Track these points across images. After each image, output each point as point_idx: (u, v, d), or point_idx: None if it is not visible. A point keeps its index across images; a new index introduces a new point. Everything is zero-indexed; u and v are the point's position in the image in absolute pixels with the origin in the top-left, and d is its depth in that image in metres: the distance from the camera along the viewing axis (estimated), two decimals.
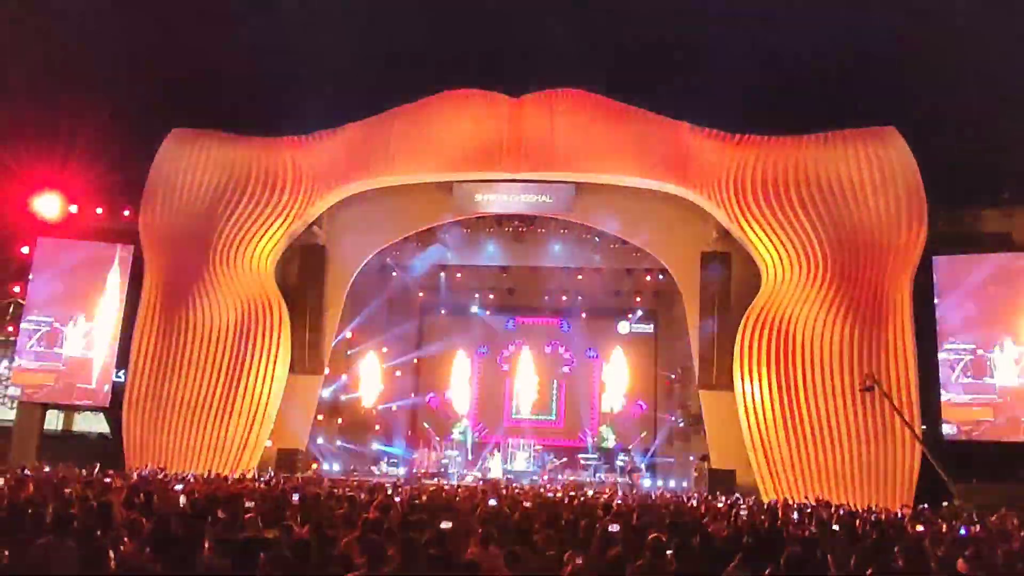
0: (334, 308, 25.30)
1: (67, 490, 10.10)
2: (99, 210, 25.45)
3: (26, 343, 24.83)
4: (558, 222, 24.76)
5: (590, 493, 17.73)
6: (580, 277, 28.21)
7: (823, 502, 16.42)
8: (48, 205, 24.60)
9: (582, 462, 26.93)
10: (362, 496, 13.31)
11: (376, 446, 27.97)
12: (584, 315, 29.98)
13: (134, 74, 25.70)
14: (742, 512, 11.81)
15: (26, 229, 25.07)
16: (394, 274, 27.89)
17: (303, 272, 24.82)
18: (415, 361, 31.04)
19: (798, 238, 21.56)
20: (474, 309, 30.28)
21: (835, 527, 10.18)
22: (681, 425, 27.50)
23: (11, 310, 29.38)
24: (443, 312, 30.85)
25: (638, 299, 28.88)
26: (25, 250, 25.48)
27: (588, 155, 22.73)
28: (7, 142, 22.80)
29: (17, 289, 26.21)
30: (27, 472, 15.05)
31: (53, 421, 28.29)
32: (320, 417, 25.49)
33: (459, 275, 28.91)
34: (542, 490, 18.20)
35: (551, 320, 30.88)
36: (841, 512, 13.37)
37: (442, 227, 25.06)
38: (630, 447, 27.62)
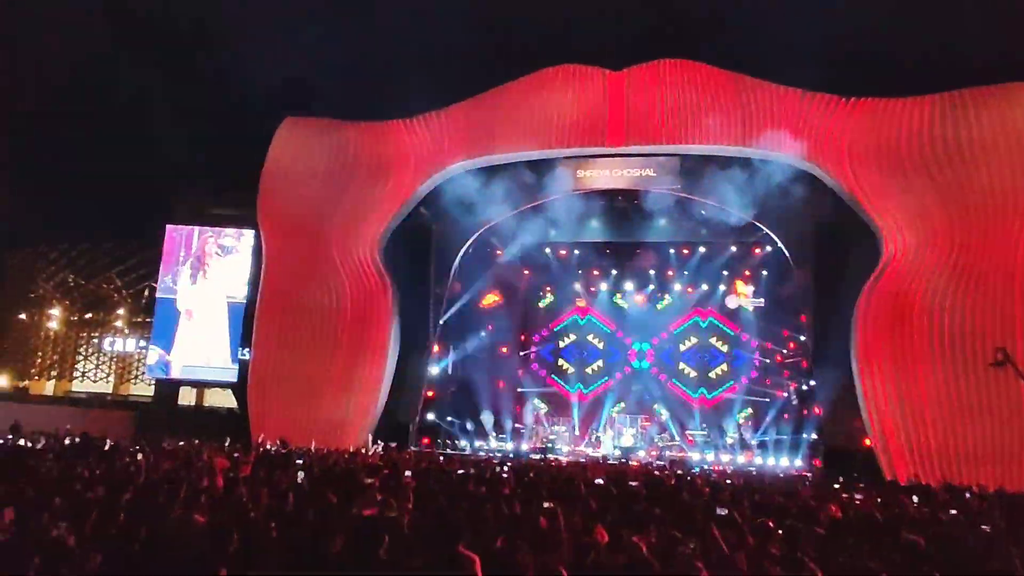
0: (441, 287, 25.84)
1: (199, 465, 10.81)
2: (220, 198, 26.91)
3: (160, 325, 26.65)
4: (663, 196, 24.31)
5: (696, 471, 17.52)
6: (686, 252, 27.68)
7: (947, 484, 15.59)
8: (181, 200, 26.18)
9: (690, 438, 26.59)
10: (472, 471, 13.67)
11: (486, 421, 28.43)
12: (690, 290, 29.42)
13: (247, 68, 26.77)
14: (856, 497, 11.37)
15: (156, 218, 26.87)
16: (499, 253, 28.16)
17: (411, 252, 25.44)
18: (521, 338, 31.33)
19: (919, 206, 20.34)
20: (578, 286, 30.23)
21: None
22: (794, 402, 26.67)
23: (146, 293, 31.61)
24: (548, 289, 30.97)
25: (747, 273, 28.10)
26: (157, 238, 27.30)
27: (694, 126, 22.17)
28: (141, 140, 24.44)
29: (151, 275, 28.15)
30: (164, 446, 16.16)
31: (187, 397, 30.31)
32: (430, 393, 26.19)
33: (563, 252, 28.92)
34: (649, 467, 18.11)
35: (658, 295, 30.45)
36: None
37: (546, 204, 25.09)
38: (740, 424, 27.05)
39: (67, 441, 14.75)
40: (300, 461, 13.04)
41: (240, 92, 27.20)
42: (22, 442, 15.73)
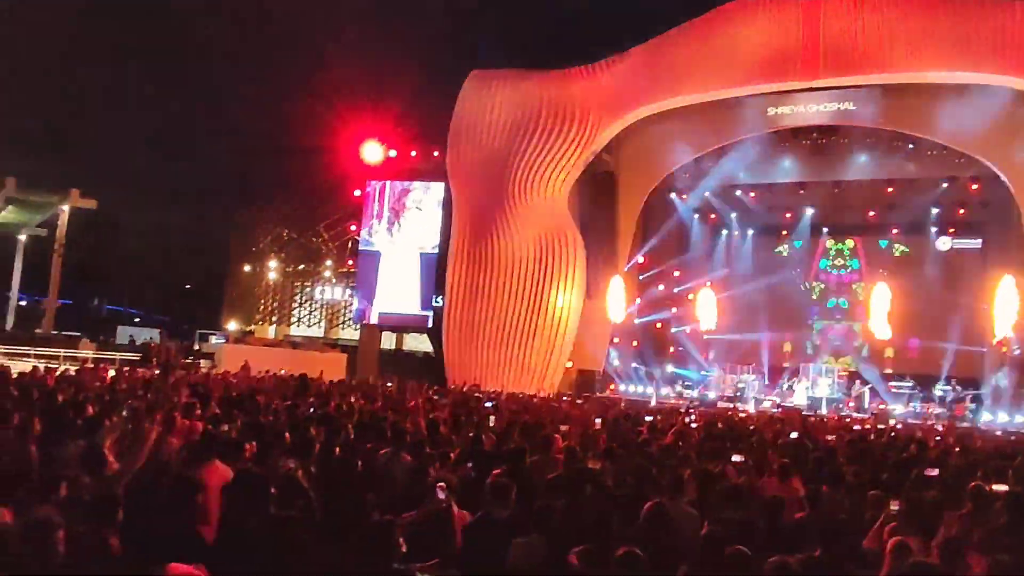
0: (626, 234, 25.72)
1: (403, 407, 11.65)
2: (413, 153, 28.25)
3: (362, 274, 28.71)
4: (863, 130, 22.54)
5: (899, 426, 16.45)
6: (890, 190, 25.54)
7: None
8: (372, 152, 27.79)
9: (893, 390, 24.89)
10: (658, 419, 13.71)
11: (671, 368, 28.22)
12: (895, 231, 27.18)
13: (436, 26, 27.65)
14: None
15: (357, 174, 28.72)
16: (685, 196, 27.46)
17: (595, 200, 25.48)
18: (708, 284, 30.43)
19: None
20: (770, 229, 28.83)
21: None
22: (1016, 352, 24.12)
23: (349, 245, 34.04)
24: (736, 233, 29.81)
25: (961, 211, 25.47)
26: (357, 192, 29.27)
27: (899, 51, 20.20)
28: (339, 100, 26.10)
29: (353, 228, 30.26)
30: (387, 385, 17.46)
31: (387, 341, 32.55)
32: (616, 340, 26.35)
33: (753, 194, 27.66)
34: (847, 420, 17.24)
35: (857, 238, 28.43)
36: None
37: (734, 145, 24.08)
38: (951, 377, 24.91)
39: (288, 381, 16.37)
40: (490, 404, 13.68)
41: (428, 48, 28.16)
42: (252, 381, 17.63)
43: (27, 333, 33.21)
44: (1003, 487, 6.55)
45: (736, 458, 7.11)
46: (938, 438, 13.10)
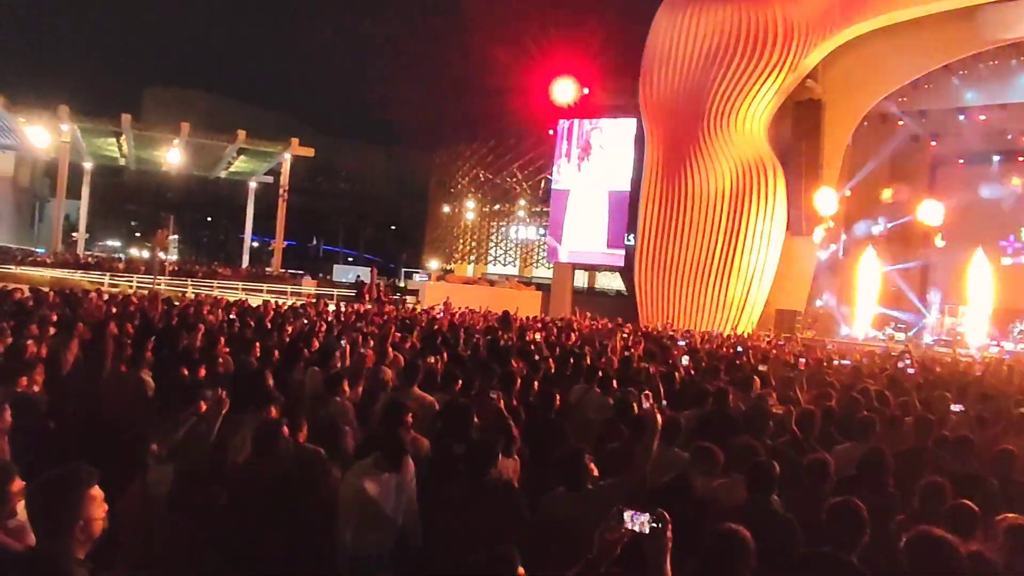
0: (832, 166, 23.98)
1: (596, 343, 11.79)
2: (603, 89, 27.81)
3: (554, 214, 29.00)
4: None
5: None
6: None
7: None
8: (565, 90, 27.66)
9: None
10: (866, 363, 12.90)
11: (882, 309, 26.27)
12: None
13: None
14: None
15: (549, 113, 28.78)
16: (900, 123, 25.06)
17: (797, 129, 23.88)
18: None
19: None
20: (1001, 152, 25.64)
21: None
22: None
23: (541, 185, 34.48)
24: (962, 162, 26.84)
25: None
26: (550, 132, 29.39)
27: None
28: (531, 38, 26.16)
29: (544, 167, 30.56)
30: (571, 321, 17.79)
31: (580, 279, 32.91)
32: (820, 279, 24.91)
33: (983, 117, 24.65)
34: None
35: None
36: None
37: (962, 62, 21.51)
38: None
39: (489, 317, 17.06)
40: (683, 344, 13.48)
41: None
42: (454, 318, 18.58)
43: (259, 271, 37.04)
44: None
45: (955, 407, 6.54)
46: None
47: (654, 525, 2.44)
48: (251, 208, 42.15)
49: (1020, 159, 25.51)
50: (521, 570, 2.48)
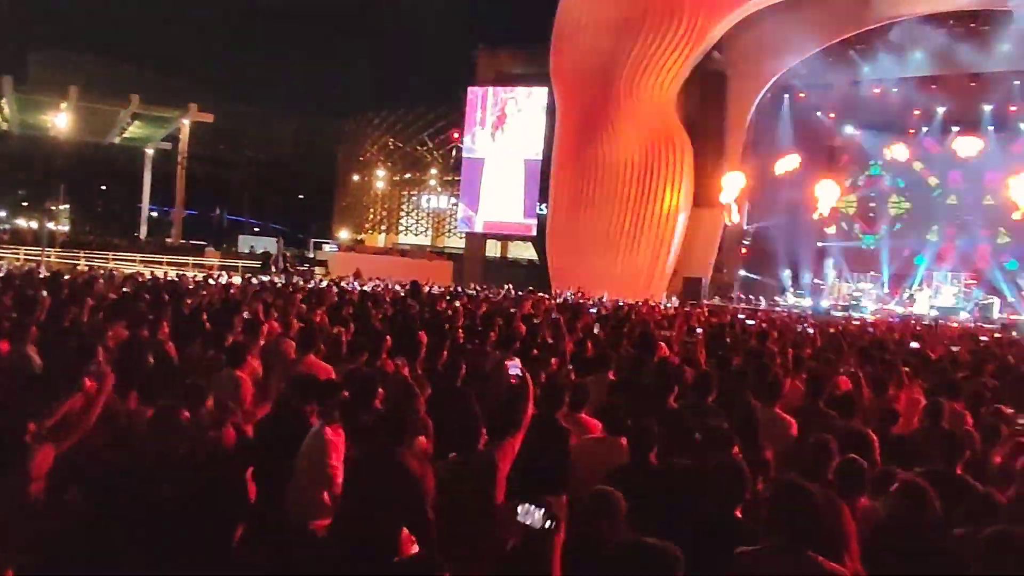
0: (736, 137, 24.62)
1: (512, 311, 11.80)
2: (516, 58, 27.66)
3: (466, 183, 28.84)
4: (1005, 16, 20.39)
5: None
6: None
7: None
8: (477, 57, 27.36)
9: None
10: (765, 327, 13.36)
11: (783, 276, 27.30)
12: None
13: None
14: None
15: (459, 81, 28.50)
16: (801, 96, 25.89)
17: (704, 101, 24.40)
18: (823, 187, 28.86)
19: None
20: (895, 127, 26.84)
21: None
22: None
23: (453, 154, 34.18)
24: (859, 133, 27.98)
25: None
26: (459, 100, 29.10)
27: None
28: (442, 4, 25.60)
29: (456, 135, 30.26)
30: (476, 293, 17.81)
31: (493, 249, 32.91)
32: (725, 247, 25.66)
33: (878, 91, 25.72)
34: (973, 330, 16.32)
35: (998, 135, 26.04)
36: None
37: (859, 37, 22.34)
38: None
39: (398, 287, 16.86)
40: (594, 311, 13.67)
41: None
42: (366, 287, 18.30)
43: (158, 242, 35.49)
44: None
45: (845, 368, 6.85)
46: None
47: (546, 523, 2.44)
48: (148, 176, 40.32)
49: (911, 132, 26.72)
50: None
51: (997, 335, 15.35)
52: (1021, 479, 4.27)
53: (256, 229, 50.04)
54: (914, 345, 10.87)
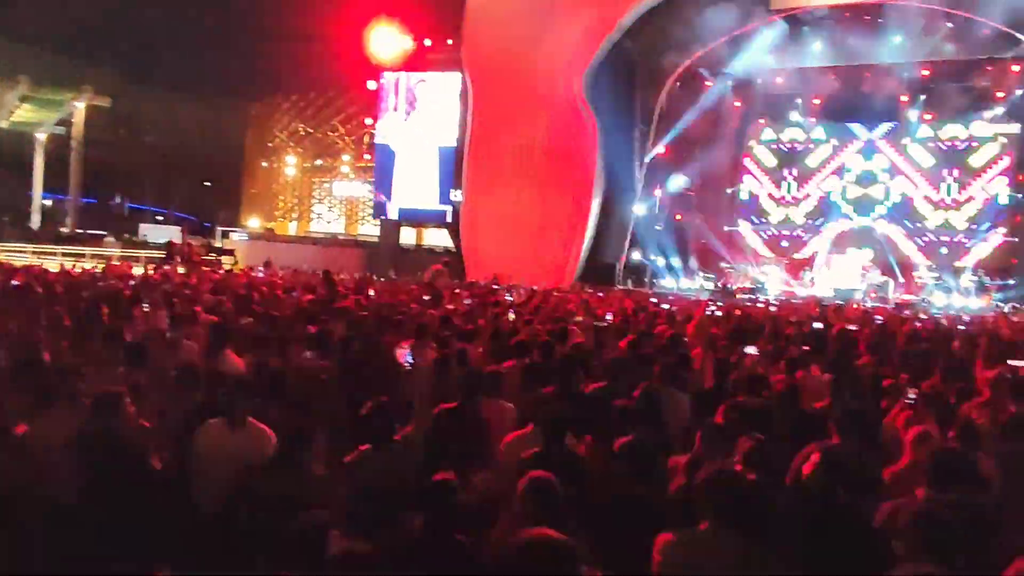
0: (647, 123, 25.04)
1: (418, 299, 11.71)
2: (427, 42, 27.29)
3: (379, 169, 28.42)
4: (899, 9, 21.39)
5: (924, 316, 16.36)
6: (926, 72, 24.47)
7: None
8: (385, 42, 26.87)
9: (917, 280, 24.67)
10: (675, 310, 13.69)
11: (692, 261, 28.01)
12: (930, 116, 26.18)
13: None
14: None
15: (369, 65, 27.86)
16: (708, 84, 26.52)
17: (615, 89, 24.66)
18: (732, 174, 29.73)
19: None
20: (795, 116, 27.90)
21: None
22: None
23: (365, 140, 33.59)
24: (762, 121, 28.91)
25: (1000, 94, 24.40)
26: (371, 85, 28.48)
27: None
28: None
29: (369, 121, 29.71)
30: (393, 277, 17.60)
31: (408, 236, 32.57)
32: (637, 233, 26.14)
33: (779, 79, 26.64)
34: (869, 311, 17.15)
35: (888, 123, 27.38)
36: None
37: (762, 28, 23.03)
38: (979, 267, 24.62)
39: (309, 276, 16.49)
40: (510, 298, 13.72)
41: None
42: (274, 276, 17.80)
43: (51, 232, 33.63)
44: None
45: (750, 349, 7.06)
46: (961, 328, 13.02)
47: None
48: (40, 162, 38.08)
49: (812, 120, 27.77)
50: None
51: (891, 315, 16.16)
52: (912, 448, 4.51)
53: (159, 218, 48.06)
54: (817, 325, 11.32)
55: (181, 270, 17.62)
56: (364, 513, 3.40)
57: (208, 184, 50.18)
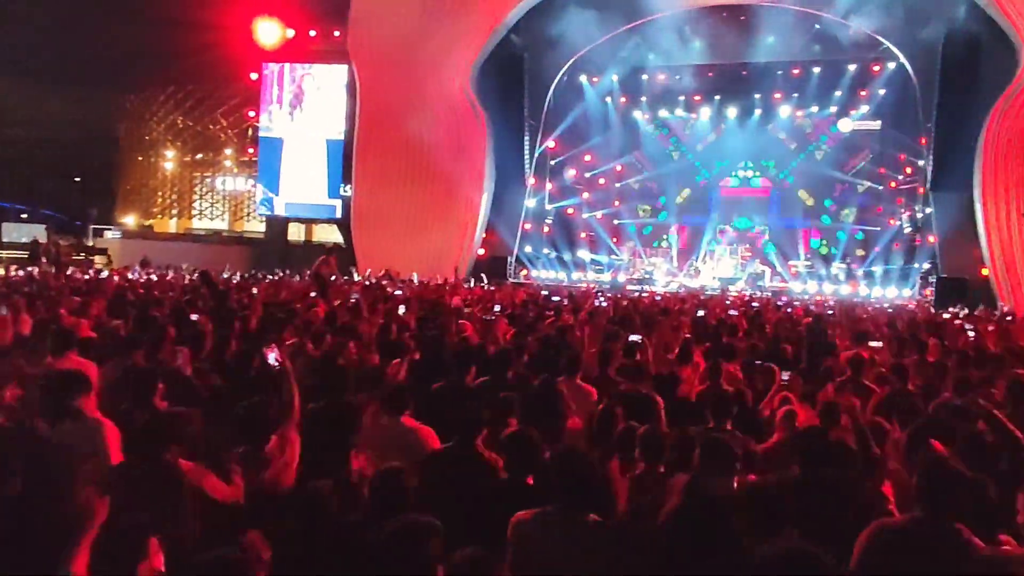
0: (535, 118, 25.28)
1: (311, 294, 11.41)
2: (312, 32, 26.55)
3: (264, 163, 27.48)
4: (772, 11, 22.44)
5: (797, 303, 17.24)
6: (796, 72, 25.80)
7: None
8: (267, 32, 25.98)
9: (793, 269, 26.03)
10: (566, 303, 13.89)
11: (582, 254, 28.55)
12: (800, 113, 27.60)
13: None
14: (968, 328, 10.86)
15: (253, 56, 26.87)
16: (595, 80, 27.04)
17: (503, 83, 24.81)
18: (618, 168, 30.46)
19: None
20: (678, 112, 28.84)
21: None
22: (908, 231, 25.47)
23: (249, 133, 32.41)
24: (646, 116, 29.72)
25: (863, 93, 26.00)
26: (254, 76, 27.48)
27: None
28: None
29: (252, 114, 28.66)
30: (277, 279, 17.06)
31: (297, 233, 31.69)
32: (528, 226, 26.38)
33: (661, 77, 27.48)
34: (748, 298, 17.93)
35: (765, 119, 28.66)
36: None
37: (644, 26, 23.65)
38: (847, 255, 26.21)
39: (188, 276, 15.80)
40: (400, 293, 13.53)
41: None
42: (153, 276, 16.96)
43: None
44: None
45: (634, 337, 7.23)
46: (830, 312, 13.82)
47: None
48: None
49: (692, 116, 28.77)
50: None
51: (767, 301, 16.96)
52: (781, 427, 4.75)
53: (24, 216, 44.91)
54: (700, 313, 11.75)
55: (48, 271, 16.51)
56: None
57: (78, 180, 47.26)
